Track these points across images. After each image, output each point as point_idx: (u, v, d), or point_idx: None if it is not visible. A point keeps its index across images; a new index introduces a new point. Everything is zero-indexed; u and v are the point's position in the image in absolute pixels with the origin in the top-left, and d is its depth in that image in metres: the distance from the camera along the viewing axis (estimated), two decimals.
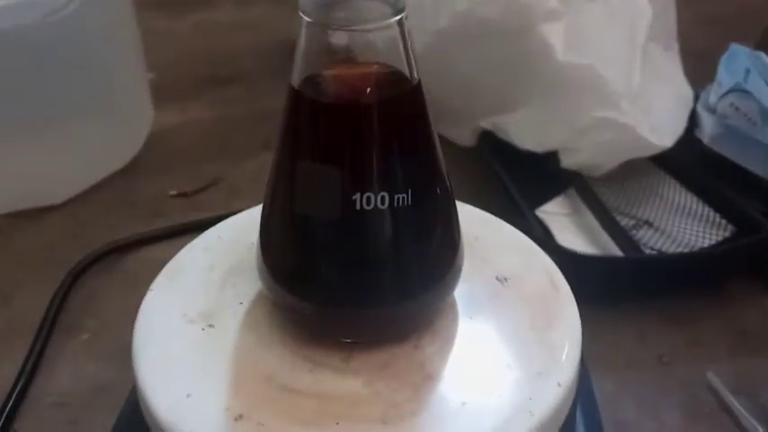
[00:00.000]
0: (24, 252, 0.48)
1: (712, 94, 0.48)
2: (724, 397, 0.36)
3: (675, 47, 0.58)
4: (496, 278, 0.28)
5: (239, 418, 0.22)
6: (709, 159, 0.47)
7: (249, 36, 0.84)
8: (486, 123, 0.54)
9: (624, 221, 0.47)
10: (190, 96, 0.69)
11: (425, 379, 0.23)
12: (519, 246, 0.30)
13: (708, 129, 0.47)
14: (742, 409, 0.35)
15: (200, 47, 0.82)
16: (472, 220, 0.31)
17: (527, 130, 0.51)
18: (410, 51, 0.21)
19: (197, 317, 0.26)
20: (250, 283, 0.27)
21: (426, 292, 0.24)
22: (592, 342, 0.40)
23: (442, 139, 0.64)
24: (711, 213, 0.46)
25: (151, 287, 0.27)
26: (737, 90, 0.45)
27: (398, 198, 0.22)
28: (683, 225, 0.46)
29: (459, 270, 0.25)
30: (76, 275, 0.44)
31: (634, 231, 0.46)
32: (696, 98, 0.53)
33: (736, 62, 0.51)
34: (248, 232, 0.27)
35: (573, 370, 0.24)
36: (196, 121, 0.65)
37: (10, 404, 0.35)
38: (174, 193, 0.54)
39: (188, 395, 0.23)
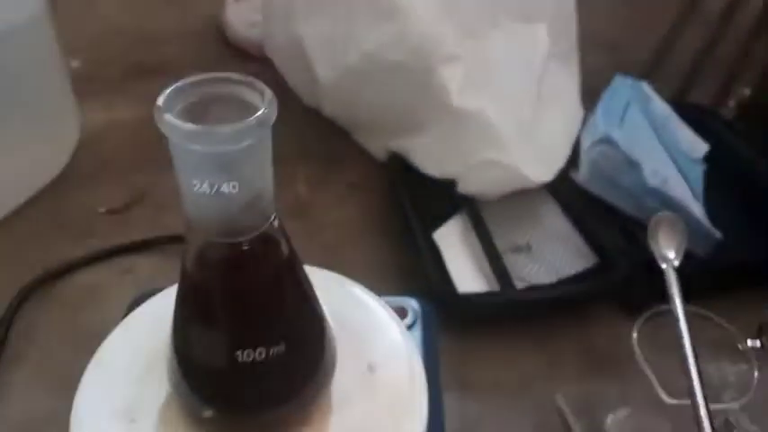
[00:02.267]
0: None
1: (588, 138, 0.54)
2: (568, 419, 0.44)
3: (575, 58, 0.63)
4: (367, 366, 0.34)
5: None
6: (585, 192, 0.54)
7: (176, 13, 0.84)
8: (393, 144, 0.59)
9: (507, 244, 0.54)
10: (116, 90, 0.71)
11: None
12: (388, 332, 0.36)
13: (582, 171, 0.53)
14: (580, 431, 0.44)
15: (126, 25, 0.82)
16: (347, 303, 0.37)
17: (428, 157, 0.56)
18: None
19: (122, 413, 0.32)
20: None
21: (299, 400, 0.30)
22: (465, 366, 0.48)
23: (360, 148, 0.69)
24: (580, 242, 0.53)
25: (82, 379, 0.33)
26: (606, 141, 0.51)
27: (274, 350, 0.28)
28: (557, 251, 0.53)
29: (330, 376, 0.31)
30: (15, 309, 0.48)
31: (514, 256, 0.53)
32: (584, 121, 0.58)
33: (618, 95, 0.57)
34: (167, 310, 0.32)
35: None
36: (123, 121, 0.67)
37: None
38: (103, 210, 0.58)
39: None
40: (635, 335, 0.41)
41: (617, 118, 0.53)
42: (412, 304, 0.42)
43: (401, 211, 0.56)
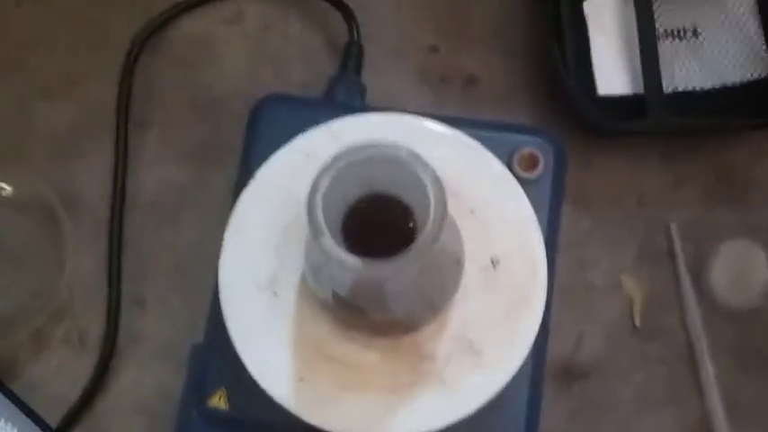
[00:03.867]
0: (78, 18, 0.48)
1: None
2: (674, 243, 0.44)
3: None
4: (490, 261, 0.34)
5: (301, 380, 0.34)
6: None
7: None
8: None
9: (670, 25, 0.46)
10: None
11: (421, 358, 0.34)
12: (516, 223, 0.35)
13: None
14: (681, 256, 0.44)
15: None
16: (477, 178, 0.35)
17: None
18: None
19: (264, 284, 0.34)
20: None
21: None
22: (585, 175, 0.46)
23: None
24: (759, 42, 0.44)
25: (223, 250, 0.35)
26: None
27: None
28: (727, 46, 0.45)
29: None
30: (132, 67, 0.46)
31: (674, 44, 0.46)
32: None
33: None
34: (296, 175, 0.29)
35: (525, 354, 0.34)
36: None
37: (117, 205, 0.44)
38: None
39: (266, 360, 0.34)
40: None
41: None
42: (544, 149, 0.39)
43: None
